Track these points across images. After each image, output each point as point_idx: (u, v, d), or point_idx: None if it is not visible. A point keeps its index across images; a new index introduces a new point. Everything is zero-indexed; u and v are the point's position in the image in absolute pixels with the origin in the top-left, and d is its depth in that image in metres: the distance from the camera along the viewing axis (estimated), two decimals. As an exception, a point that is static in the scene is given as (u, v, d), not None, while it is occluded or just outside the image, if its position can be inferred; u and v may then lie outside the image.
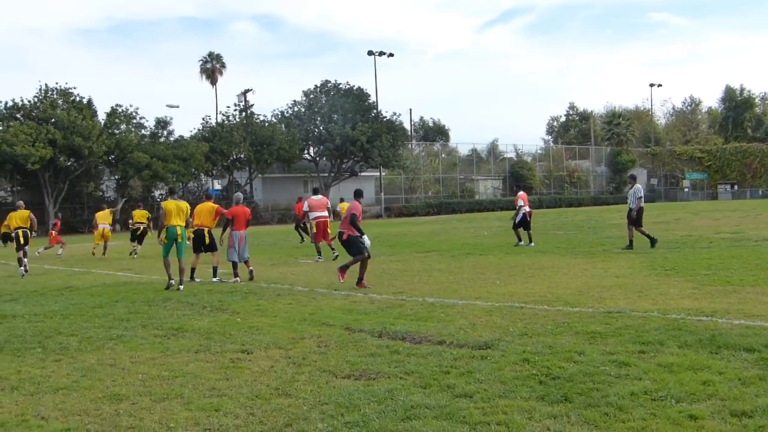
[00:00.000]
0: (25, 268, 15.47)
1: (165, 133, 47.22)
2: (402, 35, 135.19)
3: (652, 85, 76.04)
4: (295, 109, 52.70)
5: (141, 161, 42.41)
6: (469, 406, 4.62)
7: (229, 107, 55.68)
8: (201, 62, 58.97)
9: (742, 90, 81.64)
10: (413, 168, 60.67)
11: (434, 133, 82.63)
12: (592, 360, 5.66)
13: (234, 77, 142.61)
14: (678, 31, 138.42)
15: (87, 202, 45.42)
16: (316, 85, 52.82)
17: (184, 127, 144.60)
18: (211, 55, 58.87)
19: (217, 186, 54.35)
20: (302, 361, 6.10)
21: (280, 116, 52.54)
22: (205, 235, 12.70)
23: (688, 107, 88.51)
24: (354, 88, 52.52)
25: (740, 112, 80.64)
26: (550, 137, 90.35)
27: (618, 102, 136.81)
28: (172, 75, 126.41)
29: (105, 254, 20.91)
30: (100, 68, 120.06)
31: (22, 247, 15.85)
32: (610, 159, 71.48)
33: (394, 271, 13.21)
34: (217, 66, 58.88)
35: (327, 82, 52.81)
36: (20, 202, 17.46)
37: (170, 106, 66.94)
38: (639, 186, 16.29)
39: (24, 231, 16.02)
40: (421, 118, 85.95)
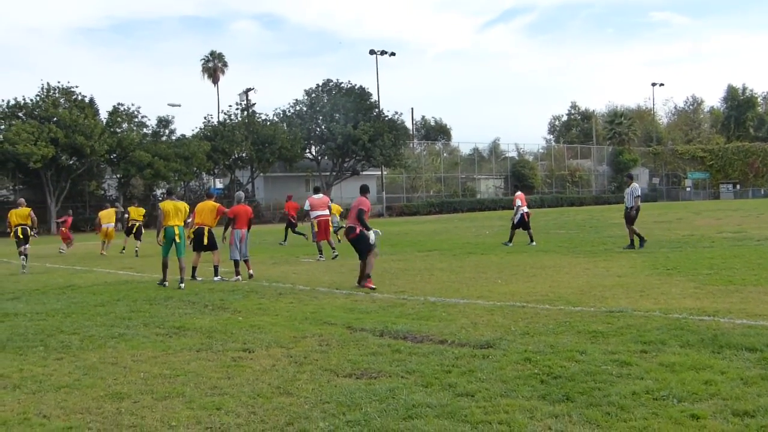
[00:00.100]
0: (25, 261, 15.68)
1: (167, 131, 47.29)
2: (403, 34, 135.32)
3: (654, 85, 76.26)
4: (297, 108, 52.72)
5: (143, 160, 42.46)
6: (471, 405, 4.62)
7: (230, 106, 55.99)
8: (203, 61, 59.06)
9: (744, 89, 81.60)
10: (415, 167, 60.67)
11: (436, 132, 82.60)
12: (593, 359, 5.66)
13: (235, 76, 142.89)
14: (680, 30, 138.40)
15: (89, 200, 45.48)
16: (317, 84, 52.91)
17: (186, 126, 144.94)
18: (212, 54, 58.92)
19: (219, 185, 54.40)
20: (304, 359, 6.10)
21: (281, 115, 52.58)
22: (205, 233, 12.71)
23: (690, 106, 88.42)
24: (356, 87, 52.52)
25: (742, 111, 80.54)
26: (551, 136, 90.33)
27: (620, 101, 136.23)
28: (173, 74, 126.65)
29: (104, 251, 21.06)
30: (102, 67, 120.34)
31: (23, 243, 16.04)
32: (611, 158, 71.41)
33: (395, 270, 13.21)
34: (219, 65, 58.92)
35: (329, 81, 52.85)
36: (21, 200, 17.64)
37: (172, 105, 67.27)
38: (636, 185, 16.27)
39: (24, 228, 16.19)
40: (423, 117, 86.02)
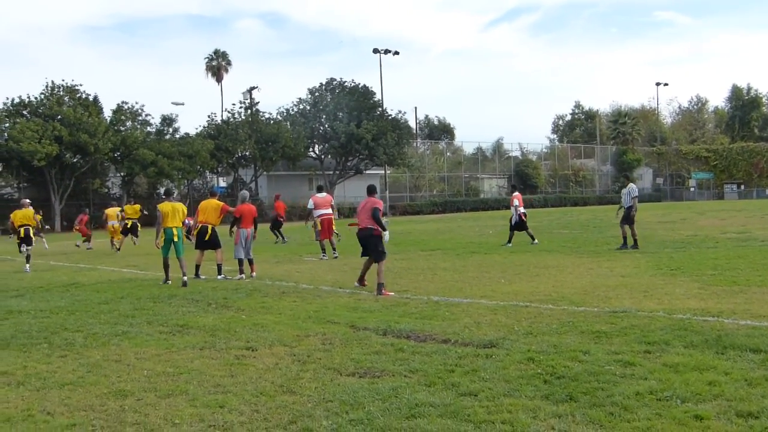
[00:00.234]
0: (26, 261, 15.76)
1: (170, 130, 47.29)
2: (406, 33, 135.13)
3: (658, 84, 75.63)
4: (301, 106, 52.69)
5: (146, 158, 42.50)
6: (474, 405, 4.62)
7: (234, 105, 55.75)
8: (207, 60, 59.09)
9: (749, 89, 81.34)
10: (418, 166, 60.61)
11: (439, 131, 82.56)
12: (597, 359, 5.65)
13: (239, 75, 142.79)
14: (684, 29, 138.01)
15: (93, 199, 45.57)
16: (321, 83, 52.83)
17: (190, 124, 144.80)
18: (216, 52, 58.96)
19: (222, 183, 54.47)
20: (307, 358, 6.10)
21: (285, 114, 52.55)
22: (209, 231, 12.73)
23: (695, 106, 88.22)
24: (359, 86, 52.47)
25: (747, 111, 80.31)
26: (555, 136, 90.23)
27: (624, 101, 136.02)
28: (177, 72, 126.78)
29: (117, 248, 21.36)
30: (106, 65, 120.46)
31: (25, 244, 16.10)
32: (615, 158, 71.25)
33: (398, 269, 13.20)
34: (223, 63, 58.97)
35: (332, 79, 52.79)
36: (25, 200, 17.67)
37: (176, 104, 67.51)
38: (633, 185, 16.23)
39: (26, 229, 16.23)
40: (426, 116, 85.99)
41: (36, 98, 42.33)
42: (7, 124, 41.25)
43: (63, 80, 43.43)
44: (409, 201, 56.46)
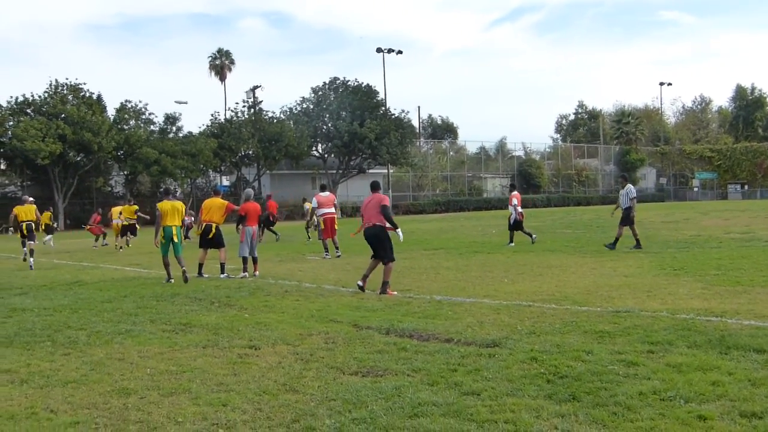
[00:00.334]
0: (30, 256, 15.80)
1: (174, 129, 47.42)
2: (410, 33, 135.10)
3: (662, 84, 75.66)
4: (304, 105, 52.75)
5: (150, 157, 42.58)
6: (477, 404, 4.62)
7: (237, 103, 56.08)
8: (210, 59, 59.20)
9: (753, 89, 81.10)
10: (421, 165, 60.63)
11: (442, 130, 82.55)
12: (600, 359, 5.64)
13: (242, 74, 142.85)
14: (688, 29, 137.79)
15: (96, 197, 45.65)
16: (324, 82, 52.91)
17: (193, 123, 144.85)
18: (220, 51, 59.05)
19: (226, 182, 54.51)
20: (310, 357, 6.10)
21: (288, 113, 52.61)
22: (213, 230, 12.74)
23: (698, 106, 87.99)
24: (362, 85, 52.49)
25: (751, 111, 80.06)
26: (558, 135, 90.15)
27: (627, 100, 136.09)
28: (181, 71, 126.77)
29: (121, 246, 21.49)
30: (110, 64, 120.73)
31: (27, 239, 16.26)
32: (618, 158, 71.08)
33: (401, 268, 13.18)
34: (226, 62, 59.07)
35: (335, 79, 52.83)
36: (27, 197, 17.96)
37: (179, 102, 67.38)
38: (631, 186, 16.20)
39: (29, 224, 16.41)
40: (430, 115, 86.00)
41: (40, 97, 42.44)
42: (11, 123, 41.37)
43: (67, 79, 43.61)
44: (412, 200, 56.45)
